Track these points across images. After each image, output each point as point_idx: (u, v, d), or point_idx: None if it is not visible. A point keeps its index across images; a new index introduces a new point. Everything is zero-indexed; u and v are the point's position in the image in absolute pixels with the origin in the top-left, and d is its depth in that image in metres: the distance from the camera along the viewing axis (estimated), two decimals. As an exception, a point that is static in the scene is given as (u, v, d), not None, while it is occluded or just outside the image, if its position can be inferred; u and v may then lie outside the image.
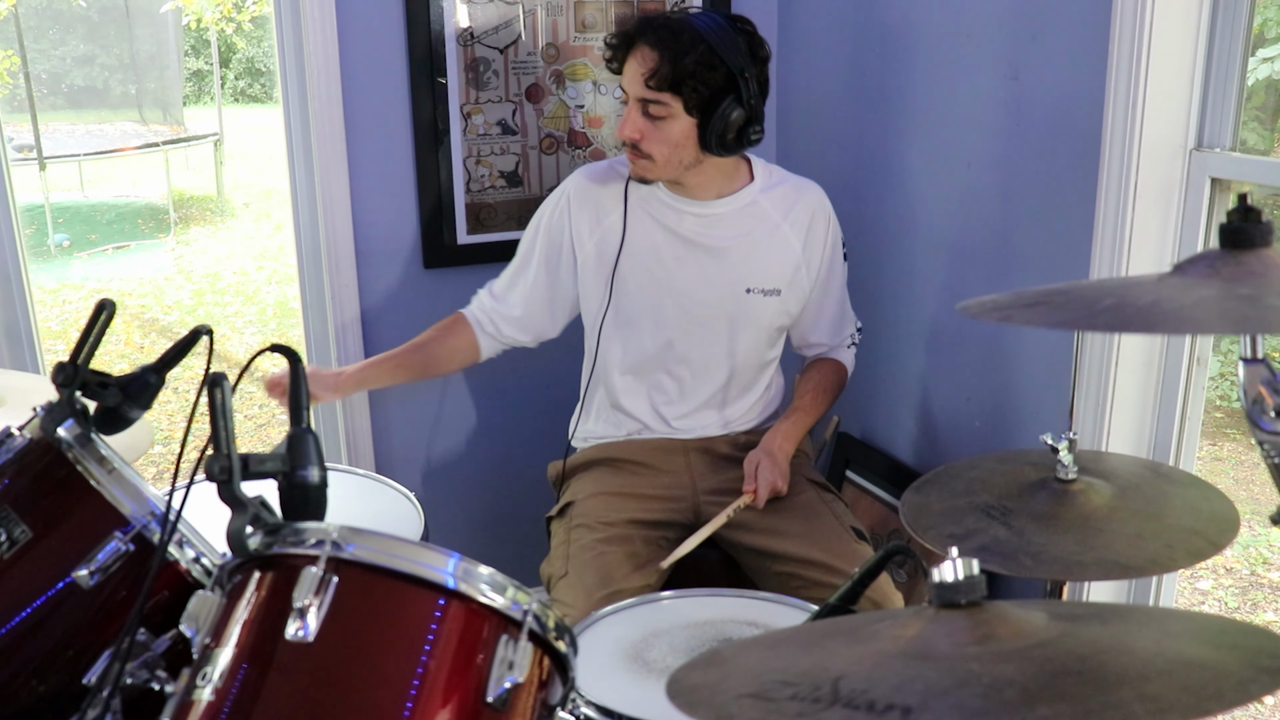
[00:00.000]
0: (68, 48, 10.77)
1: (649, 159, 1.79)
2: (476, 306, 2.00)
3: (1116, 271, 1.73)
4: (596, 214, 1.90)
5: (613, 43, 1.80)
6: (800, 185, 1.94)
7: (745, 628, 1.43)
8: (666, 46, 1.72)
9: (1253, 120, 2.90)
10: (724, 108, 1.74)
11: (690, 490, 1.93)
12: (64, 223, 8.06)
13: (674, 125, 1.76)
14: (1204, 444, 3.92)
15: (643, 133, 1.77)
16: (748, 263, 1.88)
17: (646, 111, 1.76)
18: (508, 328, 1.98)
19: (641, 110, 1.77)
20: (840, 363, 2.03)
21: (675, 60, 1.71)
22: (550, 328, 2.01)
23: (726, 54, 1.73)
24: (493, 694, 0.90)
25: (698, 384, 1.95)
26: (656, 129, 1.77)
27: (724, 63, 1.73)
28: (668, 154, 1.78)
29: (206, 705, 0.88)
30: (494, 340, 1.99)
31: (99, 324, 1.16)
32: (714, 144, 1.77)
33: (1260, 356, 0.90)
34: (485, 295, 2.01)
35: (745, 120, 1.77)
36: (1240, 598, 3.24)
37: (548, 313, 1.98)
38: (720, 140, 1.77)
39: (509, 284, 1.99)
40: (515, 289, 1.97)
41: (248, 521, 0.94)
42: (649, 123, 1.77)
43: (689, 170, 1.82)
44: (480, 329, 1.98)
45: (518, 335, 1.99)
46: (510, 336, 1.99)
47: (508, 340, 2.00)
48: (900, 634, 0.78)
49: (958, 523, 1.31)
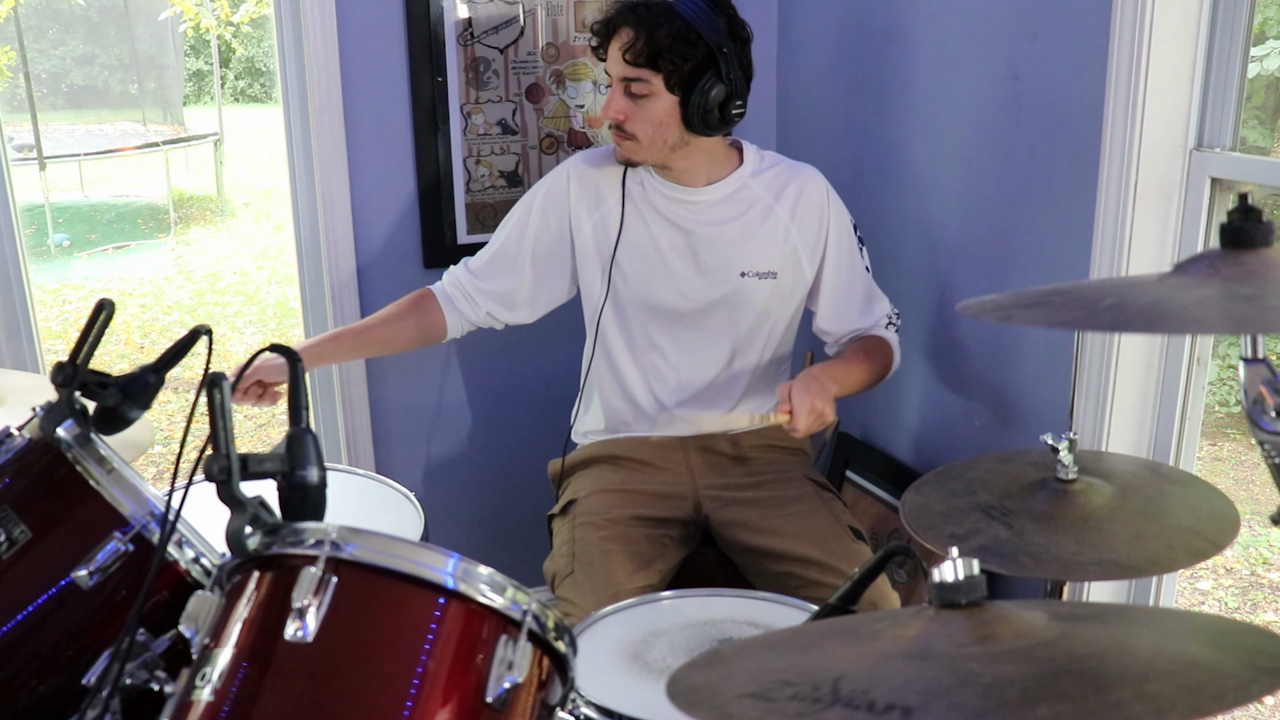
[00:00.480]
0: (68, 48, 10.77)
1: (634, 139, 1.80)
2: (449, 282, 1.98)
3: (1116, 271, 1.73)
4: (594, 199, 1.91)
5: (596, 29, 1.82)
6: (794, 167, 1.93)
7: (745, 628, 1.43)
8: (643, 23, 1.75)
9: (1253, 119, 2.90)
10: (704, 83, 1.75)
11: (691, 488, 1.93)
12: (64, 223, 8.06)
13: (656, 104, 1.77)
14: (1204, 444, 3.92)
15: (626, 113, 1.79)
16: (741, 247, 1.88)
17: (629, 91, 1.78)
18: (486, 302, 1.95)
19: (624, 90, 1.78)
20: (881, 338, 1.95)
21: (651, 34, 1.73)
22: (533, 307, 1.98)
23: (704, 29, 1.74)
24: (492, 694, 0.90)
25: (697, 370, 1.94)
26: (639, 108, 1.78)
27: (702, 38, 1.74)
28: (651, 133, 1.79)
29: (206, 705, 0.88)
30: (462, 318, 1.96)
31: (98, 324, 1.16)
32: (697, 122, 1.78)
33: (1260, 356, 0.90)
34: (461, 270, 1.98)
35: (726, 96, 1.77)
36: (1240, 598, 3.24)
37: (531, 289, 1.96)
38: (704, 118, 1.77)
39: (490, 260, 1.96)
40: (501, 265, 1.95)
41: (247, 521, 0.94)
42: (631, 102, 1.78)
43: (675, 152, 1.82)
44: (451, 305, 1.96)
45: (495, 310, 1.96)
46: (484, 314, 1.96)
47: (480, 318, 1.97)
48: (900, 634, 0.78)
49: (958, 523, 1.31)
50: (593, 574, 1.73)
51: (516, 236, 1.95)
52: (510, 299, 1.96)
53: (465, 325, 1.99)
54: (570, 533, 1.85)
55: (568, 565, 1.78)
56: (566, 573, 1.77)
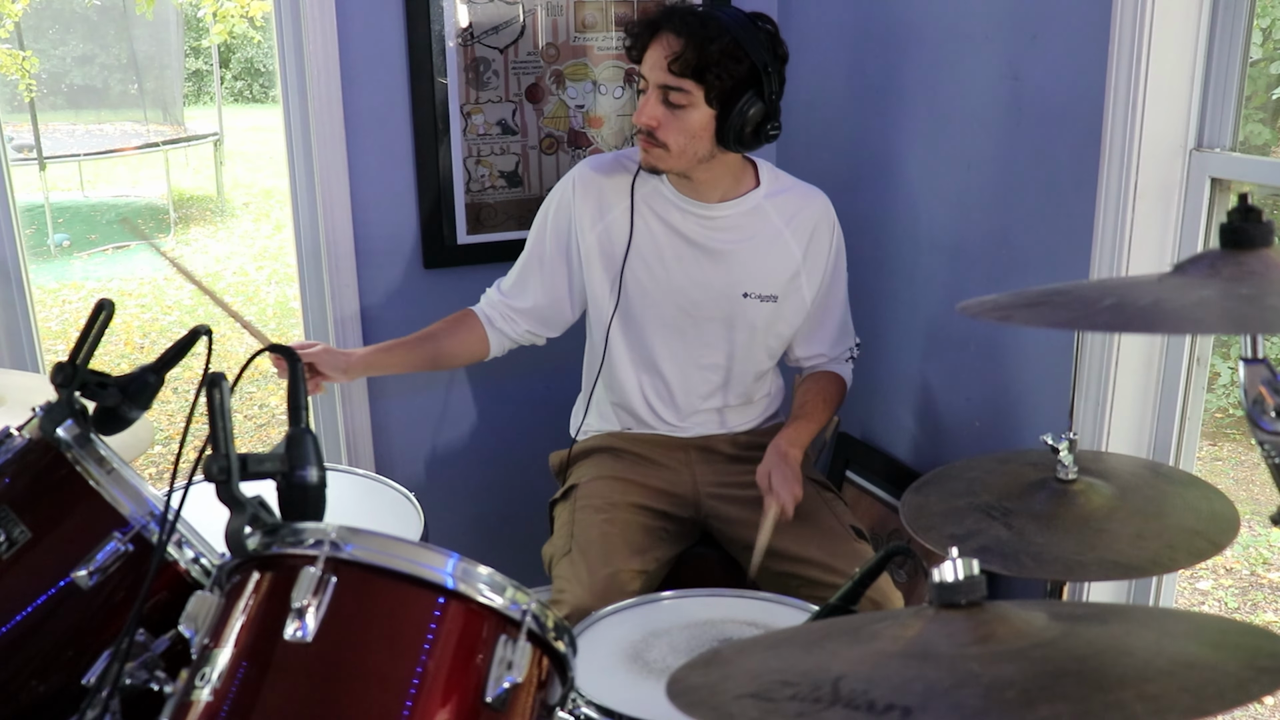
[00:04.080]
0: (68, 48, 10.76)
1: (663, 148, 1.77)
2: (485, 304, 1.99)
3: (1116, 271, 1.73)
4: (600, 206, 1.89)
5: (635, 30, 1.77)
6: (806, 193, 1.92)
7: (745, 628, 1.43)
8: (693, 33, 1.71)
9: (1254, 120, 2.90)
10: (744, 101, 1.73)
11: (692, 488, 1.93)
12: (64, 223, 8.05)
13: (693, 115, 1.74)
14: (1204, 444, 3.92)
15: (660, 120, 1.75)
16: (747, 267, 1.87)
17: (666, 99, 1.74)
18: (523, 320, 1.96)
19: (661, 98, 1.75)
20: (839, 375, 1.99)
21: (701, 47, 1.70)
22: (570, 314, 1.98)
23: (751, 47, 1.72)
24: (492, 694, 0.90)
25: (694, 385, 1.94)
26: (675, 118, 1.75)
27: (748, 55, 1.72)
28: (683, 144, 1.76)
29: (205, 705, 0.88)
30: (503, 337, 1.97)
31: (98, 324, 1.16)
32: (731, 138, 1.76)
33: (1260, 356, 0.90)
34: (494, 292, 2.00)
35: (764, 116, 1.76)
36: (1240, 598, 3.24)
37: (567, 300, 1.96)
38: (738, 135, 1.75)
39: (518, 278, 1.97)
40: (528, 281, 1.95)
41: (246, 522, 0.94)
42: (668, 110, 1.75)
43: (701, 165, 1.80)
44: (490, 325, 1.96)
45: (533, 328, 1.97)
46: (524, 331, 1.97)
47: (520, 336, 1.98)
48: (900, 634, 0.78)
49: (958, 523, 1.31)
50: (589, 554, 1.73)
51: (537, 253, 1.95)
52: (543, 314, 1.96)
53: (507, 344, 1.99)
54: (570, 515, 1.85)
55: (565, 545, 1.78)
56: (564, 552, 1.77)
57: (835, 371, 1.99)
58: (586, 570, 1.70)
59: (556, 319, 1.98)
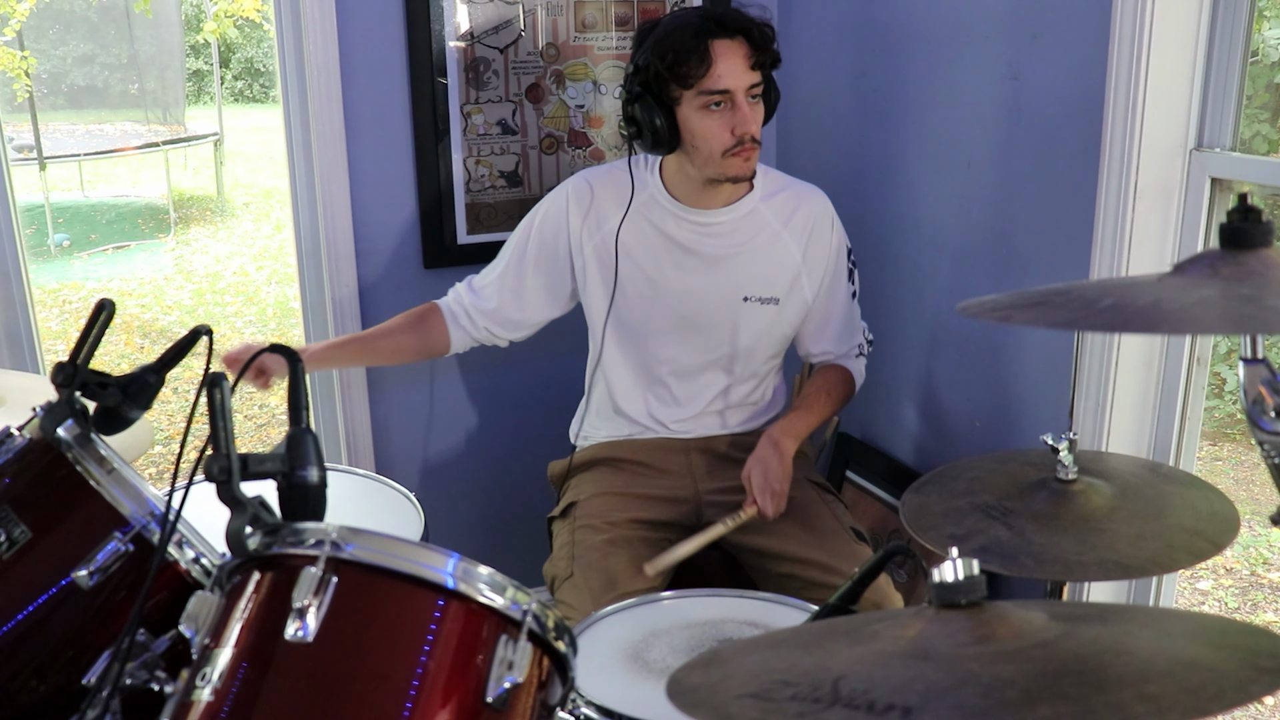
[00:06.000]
0: (68, 48, 10.75)
1: (759, 147, 1.78)
2: (453, 298, 1.99)
3: (1116, 271, 1.73)
4: (597, 218, 1.89)
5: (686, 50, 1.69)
6: (802, 191, 1.92)
7: (745, 628, 1.43)
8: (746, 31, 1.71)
9: (1255, 120, 2.90)
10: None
11: (692, 491, 1.93)
12: (64, 223, 8.05)
13: (760, 109, 1.77)
14: (1204, 444, 3.92)
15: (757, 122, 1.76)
16: (746, 271, 1.87)
17: (754, 97, 1.75)
18: (484, 320, 1.96)
19: (751, 98, 1.74)
20: (847, 370, 1.97)
21: (761, 40, 1.72)
22: (534, 320, 1.98)
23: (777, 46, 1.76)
24: (492, 694, 0.90)
25: (696, 390, 1.94)
26: (759, 116, 1.77)
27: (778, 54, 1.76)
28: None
29: (206, 706, 0.88)
30: (466, 335, 1.97)
31: (99, 324, 1.16)
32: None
33: (1260, 356, 0.90)
34: (464, 289, 1.99)
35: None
36: (1240, 598, 3.24)
37: (535, 308, 1.96)
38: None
39: (492, 279, 1.97)
40: (503, 283, 1.95)
41: (247, 522, 0.94)
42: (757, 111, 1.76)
43: None
44: (454, 321, 1.96)
45: (494, 328, 1.97)
46: (485, 331, 1.97)
47: (482, 335, 1.98)
48: (900, 634, 0.78)
49: (958, 523, 1.31)
50: (592, 577, 1.73)
51: (517, 259, 1.94)
52: (509, 319, 1.96)
53: (469, 341, 1.99)
54: (570, 535, 1.85)
55: (567, 568, 1.78)
56: (566, 576, 1.77)
57: (843, 366, 1.98)
58: (590, 595, 1.69)
59: (520, 323, 1.97)
